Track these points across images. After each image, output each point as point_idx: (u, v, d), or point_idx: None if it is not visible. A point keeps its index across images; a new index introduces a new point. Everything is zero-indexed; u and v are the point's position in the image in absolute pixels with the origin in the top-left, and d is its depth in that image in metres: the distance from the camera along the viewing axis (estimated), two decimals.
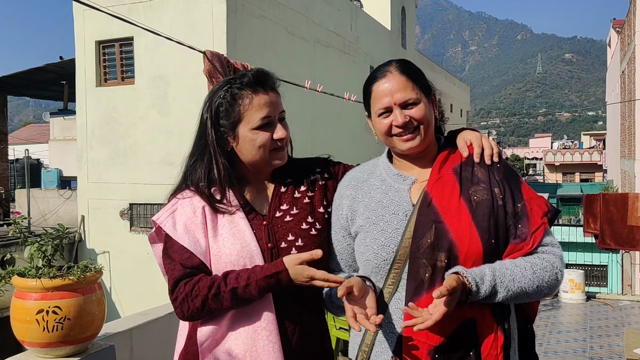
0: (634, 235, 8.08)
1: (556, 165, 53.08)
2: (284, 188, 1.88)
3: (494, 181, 1.68)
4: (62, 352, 2.35)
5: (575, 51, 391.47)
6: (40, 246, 2.34)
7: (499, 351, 1.57)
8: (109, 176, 13.30)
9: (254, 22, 12.93)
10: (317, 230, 1.83)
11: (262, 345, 1.71)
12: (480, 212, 1.62)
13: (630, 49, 21.35)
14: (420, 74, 1.77)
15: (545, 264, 1.62)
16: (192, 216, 1.79)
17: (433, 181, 1.69)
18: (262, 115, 1.78)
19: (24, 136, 33.95)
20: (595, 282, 17.84)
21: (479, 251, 1.59)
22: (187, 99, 11.79)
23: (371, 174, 1.83)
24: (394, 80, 1.70)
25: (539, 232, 1.64)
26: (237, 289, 1.67)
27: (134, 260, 12.24)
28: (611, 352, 6.27)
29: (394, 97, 1.69)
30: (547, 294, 1.65)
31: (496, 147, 1.77)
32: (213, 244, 1.76)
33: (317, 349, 1.84)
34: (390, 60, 1.79)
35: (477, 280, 1.53)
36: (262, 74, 1.83)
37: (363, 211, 1.75)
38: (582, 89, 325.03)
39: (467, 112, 40.95)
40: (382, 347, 1.66)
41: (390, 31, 22.06)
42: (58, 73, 16.61)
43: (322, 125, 15.64)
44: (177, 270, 1.75)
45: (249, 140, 1.79)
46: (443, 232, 1.60)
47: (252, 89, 1.79)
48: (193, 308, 1.71)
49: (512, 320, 1.67)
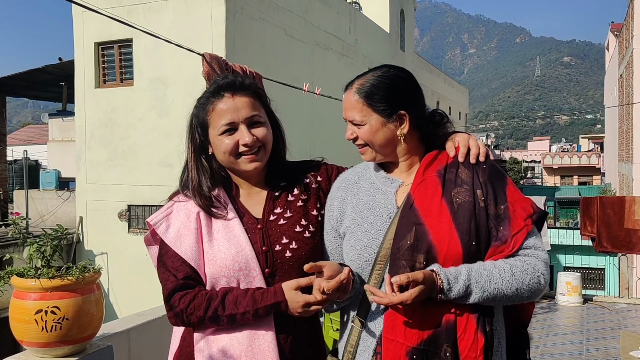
0: (631, 238, 8.09)
1: (554, 168, 53.09)
2: (277, 192, 1.90)
3: (477, 183, 1.69)
4: (61, 352, 2.36)
5: (574, 54, 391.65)
6: (39, 247, 2.35)
7: (479, 353, 1.55)
8: (108, 177, 13.30)
9: (253, 25, 12.94)
10: (311, 233, 1.85)
11: (258, 345, 1.73)
12: (462, 214, 1.63)
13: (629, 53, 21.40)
14: (377, 91, 1.74)
15: (526, 267, 1.61)
16: (186, 221, 1.80)
17: (416, 184, 1.72)
18: (224, 121, 1.79)
19: (23, 137, 33.90)
20: (593, 285, 17.85)
21: (458, 253, 1.60)
22: (186, 101, 11.62)
23: (361, 176, 1.87)
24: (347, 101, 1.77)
25: (520, 235, 1.63)
26: (235, 315, 1.70)
27: (132, 261, 12.23)
28: (608, 355, 6.28)
29: (346, 114, 1.78)
30: (529, 297, 1.63)
31: (483, 147, 1.78)
32: (208, 249, 1.77)
33: (311, 351, 1.86)
34: (351, 81, 1.80)
35: (450, 278, 1.54)
36: (228, 78, 1.85)
37: (350, 213, 1.79)
38: (581, 92, 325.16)
39: (465, 114, 40.99)
40: (365, 346, 1.68)
41: (389, 34, 22.08)
42: (57, 74, 16.60)
43: (321, 127, 15.65)
44: (170, 281, 1.77)
45: (217, 145, 1.82)
46: (423, 234, 1.62)
47: (217, 95, 1.82)
48: (188, 322, 1.75)
49: (497, 324, 1.66)
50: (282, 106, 1.88)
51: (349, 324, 1.76)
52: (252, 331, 1.74)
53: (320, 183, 1.95)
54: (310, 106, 14.66)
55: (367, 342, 1.68)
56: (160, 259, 1.82)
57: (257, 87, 1.91)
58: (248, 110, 1.80)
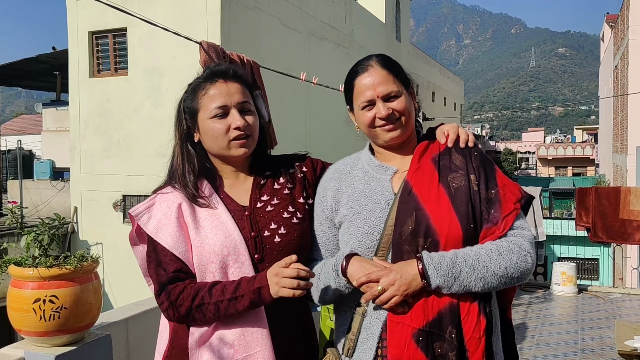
0: (626, 228, 8.13)
1: (549, 159, 53.25)
2: (263, 180, 1.90)
3: (471, 168, 1.75)
4: (59, 341, 2.35)
5: (569, 45, 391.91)
6: (36, 235, 2.34)
7: (482, 334, 1.60)
8: (103, 167, 13.25)
9: (248, 14, 12.88)
10: (299, 219, 1.86)
11: (251, 333, 1.73)
12: (459, 198, 1.68)
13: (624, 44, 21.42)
14: (400, 67, 1.83)
15: (512, 246, 1.66)
16: (167, 211, 1.80)
17: (413, 170, 1.76)
18: (216, 104, 1.80)
19: (16, 127, 33.74)
20: (587, 275, 17.97)
21: (459, 235, 1.65)
22: (180, 91, 11.67)
23: (354, 166, 1.90)
24: (376, 74, 1.77)
25: (510, 217, 1.69)
26: (221, 302, 1.69)
27: (127, 251, 11.97)
28: (602, 344, 6.32)
29: (377, 90, 1.76)
30: (519, 278, 1.67)
31: (471, 135, 1.85)
32: (195, 236, 1.76)
33: (303, 340, 1.87)
34: (370, 55, 1.85)
35: (435, 259, 1.60)
36: (222, 66, 1.88)
37: (347, 201, 1.80)
38: (575, 84, 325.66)
39: (460, 105, 40.99)
40: (368, 333, 1.69)
41: (384, 24, 22.03)
42: (51, 64, 16.52)
43: (316, 118, 15.63)
44: (161, 275, 1.76)
45: (207, 129, 1.82)
46: (423, 219, 1.66)
47: (210, 80, 1.84)
48: (178, 316, 1.74)
49: (494, 306, 1.71)
50: (278, 96, 1.88)
51: (348, 313, 1.77)
52: (246, 322, 1.74)
53: (306, 173, 1.97)
54: (306, 96, 14.63)
55: (370, 329, 1.69)
56: (149, 256, 1.82)
57: (248, 79, 1.95)
58: (240, 96, 1.83)
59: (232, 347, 1.72)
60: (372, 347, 1.66)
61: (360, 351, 1.69)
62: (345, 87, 1.87)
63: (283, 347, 1.77)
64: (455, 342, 1.58)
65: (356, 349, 1.71)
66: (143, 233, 1.83)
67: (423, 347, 1.59)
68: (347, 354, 1.73)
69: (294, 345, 1.81)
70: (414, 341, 1.59)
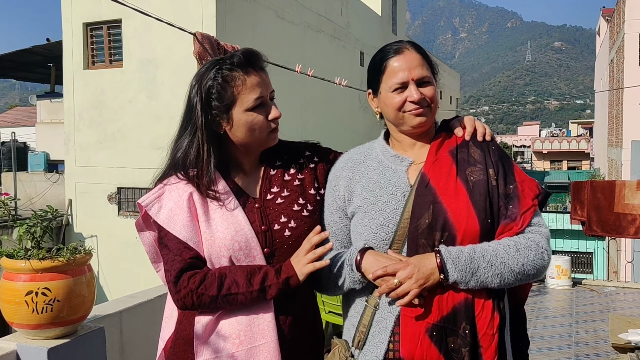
0: (621, 222, 8.14)
1: (544, 153, 53.36)
2: (273, 171, 1.87)
3: (489, 162, 1.72)
4: (52, 333, 2.33)
5: (565, 39, 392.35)
6: (29, 227, 2.31)
7: (495, 331, 1.59)
8: (97, 160, 13.21)
9: (243, 6, 12.81)
10: (309, 212, 1.83)
11: (257, 324, 1.72)
12: (477, 192, 1.65)
13: (620, 38, 21.44)
14: (429, 56, 1.82)
15: (530, 243, 1.64)
16: (178, 201, 1.76)
17: (430, 162, 1.72)
18: (255, 95, 1.76)
19: (10, 119, 33.56)
20: (581, 269, 18.02)
21: (476, 230, 1.62)
22: (176, 83, 11.69)
23: (367, 155, 1.85)
24: (412, 57, 1.75)
25: (528, 213, 1.67)
26: (250, 292, 1.68)
27: (122, 244, 12.19)
28: (596, 337, 6.34)
29: (412, 73, 1.72)
30: (534, 275, 1.65)
31: (488, 129, 1.82)
32: (205, 229, 1.73)
33: (309, 331, 1.85)
34: (401, 40, 1.82)
35: (453, 254, 1.58)
36: (251, 53, 1.80)
37: (360, 192, 1.77)
38: (571, 78, 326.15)
39: (456, 99, 41.01)
40: (380, 327, 1.67)
41: (380, 17, 21.98)
42: (45, 55, 16.44)
43: (312, 110, 15.60)
44: (177, 261, 1.71)
45: (244, 122, 1.77)
46: (441, 212, 1.63)
47: (244, 70, 1.77)
48: (198, 304, 1.69)
49: (505, 301, 1.70)
50: (274, 88, 1.85)
51: (359, 305, 1.74)
52: (252, 312, 1.72)
53: (317, 163, 1.93)
54: (302, 89, 14.59)
55: (382, 323, 1.66)
56: (161, 242, 1.78)
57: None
58: (271, 86, 1.83)
59: (238, 337, 1.70)
60: (384, 340, 1.64)
61: (372, 344, 1.67)
62: (373, 68, 1.81)
63: (288, 338, 1.75)
64: (469, 337, 1.57)
65: (367, 342, 1.69)
66: (149, 219, 1.79)
67: (437, 342, 1.58)
68: (358, 346, 1.71)
69: (299, 336, 1.79)
70: (427, 336, 1.58)
